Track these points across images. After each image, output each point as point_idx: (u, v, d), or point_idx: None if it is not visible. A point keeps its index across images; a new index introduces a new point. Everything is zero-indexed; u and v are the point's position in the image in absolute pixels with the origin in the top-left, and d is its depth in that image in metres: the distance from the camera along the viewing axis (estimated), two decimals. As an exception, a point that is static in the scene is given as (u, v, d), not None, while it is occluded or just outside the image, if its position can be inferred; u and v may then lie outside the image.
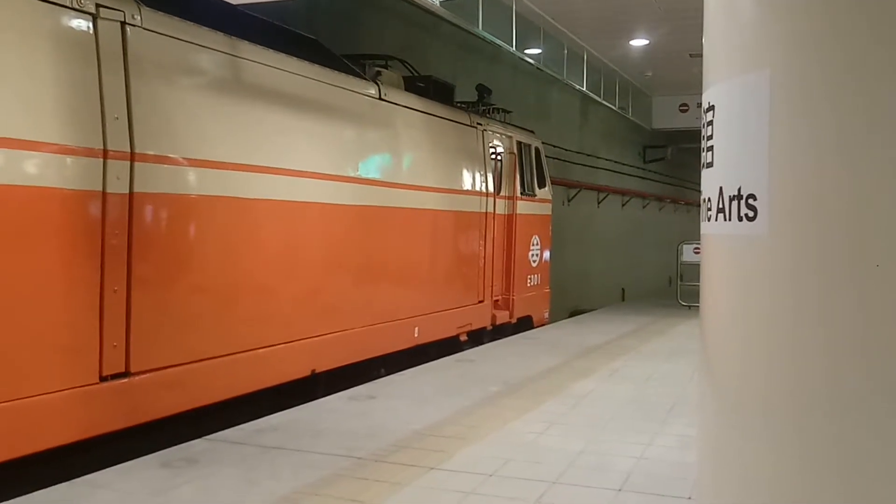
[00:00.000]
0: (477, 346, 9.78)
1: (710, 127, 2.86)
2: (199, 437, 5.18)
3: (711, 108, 2.85)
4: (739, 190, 2.59)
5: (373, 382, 7.20)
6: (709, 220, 2.88)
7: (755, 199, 2.52)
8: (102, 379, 4.82)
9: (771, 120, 2.48)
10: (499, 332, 10.74)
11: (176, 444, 4.99)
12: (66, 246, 4.64)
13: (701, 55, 3.10)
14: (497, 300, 10.76)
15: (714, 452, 2.92)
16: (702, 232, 3.03)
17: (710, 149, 2.84)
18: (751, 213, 2.54)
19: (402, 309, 8.30)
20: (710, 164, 2.85)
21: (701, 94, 3.04)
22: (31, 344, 4.46)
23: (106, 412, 4.83)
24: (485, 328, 10.40)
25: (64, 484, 4.22)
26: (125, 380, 4.96)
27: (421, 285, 8.80)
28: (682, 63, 17.29)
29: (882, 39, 2.24)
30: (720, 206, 2.73)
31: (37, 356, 4.49)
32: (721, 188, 2.72)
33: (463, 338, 9.75)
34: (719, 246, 2.85)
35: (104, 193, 4.81)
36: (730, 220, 2.66)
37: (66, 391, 4.60)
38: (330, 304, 7.09)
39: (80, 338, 4.72)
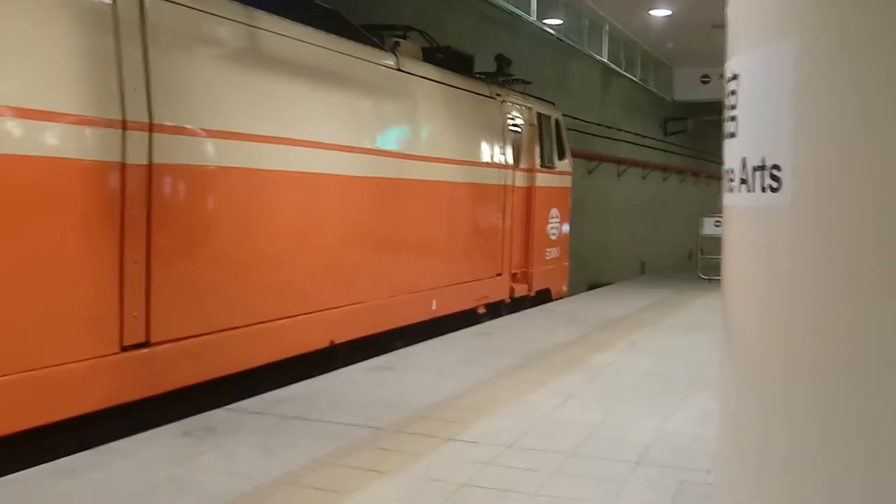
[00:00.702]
0: (495, 318, 9.78)
1: (733, 96, 2.81)
2: (220, 406, 5.23)
3: (735, 76, 2.80)
4: (763, 160, 2.55)
5: (391, 354, 7.22)
6: (731, 191, 2.84)
7: (779, 170, 2.48)
8: (123, 349, 4.87)
9: (797, 88, 2.43)
10: (517, 305, 10.73)
11: (196, 414, 5.04)
12: (86, 217, 4.66)
13: (723, 26, 3.03)
14: (515, 273, 10.74)
15: (734, 425, 2.90)
16: (723, 203, 2.99)
17: (734, 118, 2.79)
18: (774, 184, 2.50)
19: (420, 281, 8.31)
20: (732, 135, 2.80)
21: (723, 66, 2.98)
22: (53, 314, 4.50)
23: (127, 382, 4.88)
24: (503, 301, 10.39)
25: (87, 451, 4.28)
26: (146, 350, 5.01)
27: (439, 258, 8.79)
28: (704, 34, 17.02)
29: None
30: (743, 177, 2.68)
31: (58, 326, 4.53)
32: (744, 159, 2.68)
33: (481, 310, 9.75)
34: (741, 218, 2.81)
35: (123, 165, 4.83)
36: (753, 191, 2.61)
37: (87, 360, 4.65)
38: (348, 276, 7.10)
39: (101, 308, 4.76)
